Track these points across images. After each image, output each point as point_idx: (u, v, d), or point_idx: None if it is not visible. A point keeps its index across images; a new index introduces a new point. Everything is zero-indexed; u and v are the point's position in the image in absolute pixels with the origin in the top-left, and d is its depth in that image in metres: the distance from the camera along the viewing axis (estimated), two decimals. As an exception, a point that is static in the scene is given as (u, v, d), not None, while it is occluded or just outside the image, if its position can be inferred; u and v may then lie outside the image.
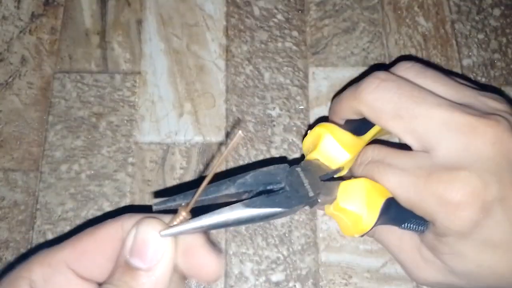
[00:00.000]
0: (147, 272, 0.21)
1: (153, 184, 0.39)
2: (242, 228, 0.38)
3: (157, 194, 0.38)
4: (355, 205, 0.28)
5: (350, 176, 0.31)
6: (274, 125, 0.41)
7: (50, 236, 0.37)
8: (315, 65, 0.43)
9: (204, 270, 0.23)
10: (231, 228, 0.38)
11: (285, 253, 0.37)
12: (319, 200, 0.27)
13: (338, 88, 0.42)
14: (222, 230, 0.37)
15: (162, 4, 0.45)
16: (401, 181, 0.27)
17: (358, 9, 0.45)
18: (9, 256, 0.37)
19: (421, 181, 0.26)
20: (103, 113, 0.41)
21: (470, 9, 0.45)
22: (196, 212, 0.23)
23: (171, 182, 0.39)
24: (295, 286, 0.36)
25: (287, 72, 0.42)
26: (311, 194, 0.27)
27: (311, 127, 0.32)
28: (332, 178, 0.29)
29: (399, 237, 0.31)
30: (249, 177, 0.26)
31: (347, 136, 0.30)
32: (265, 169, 0.27)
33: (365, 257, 0.37)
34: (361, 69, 0.43)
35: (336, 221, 0.30)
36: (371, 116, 0.29)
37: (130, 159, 0.39)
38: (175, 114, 0.41)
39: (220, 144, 0.40)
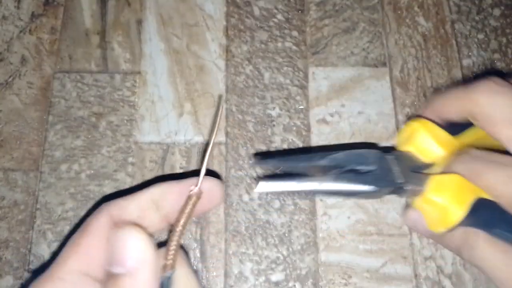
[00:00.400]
0: (129, 277, 0.21)
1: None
2: (242, 228, 0.38)
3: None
4: (443, 198, 0.27)
5: (441, 172, 0.31)
6: (274, 125, 0.41)
7: (50, 236, 0.37)
8: (315, 65, 0.43)
9: (208, 195, 0.25)
10: (231, 228, 0.38)
11: (284, 253, 0.37)
12: (406, 188, 0.27)
13: (338, 88, 0.42)
14: (222, 230, 0.38)
15: (162, 4, 0.45)
16: (506, 175, 0.25)
17: (358, 9, 0.45)
18: (9, 256, 0.37)
19: None
20: (103, 113, 0.41)
21: (470, 9, 0.45)
22: (285, 177, 0.25)
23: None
24: (294, 286, 0.36)
25: (287, 72, 0.42)
26: (399, 180, 0.27)
27: (406, 122, 0.32)
28: (423, 171, 0.29)
29: (504, 250, 0.26)
30: (340, 154, 0.27)
31: (443, 133, 0.30)
32: (357, 150, 0.28)
33: (365, 257, 0.37)
34: (361, 69, 0.43)
35: (424, 216, 0.30)
36: (483, 121, 0.27)
37: (130, 159, 0.39)
38: (175, 114, 0.41)
39: (220, 144, 0.40)
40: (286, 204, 0.38)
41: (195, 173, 0.25)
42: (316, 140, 0.40)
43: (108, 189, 0.38)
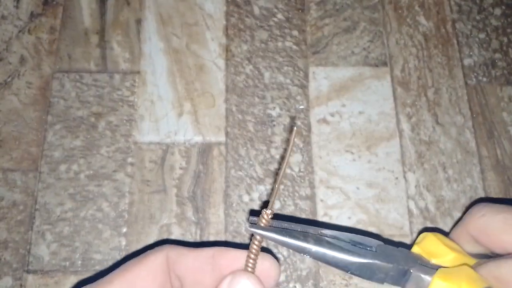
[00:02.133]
0: None
1: (152, 184, 0.38)
2: (242, 228, 0.37)
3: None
4: (452, 285, 0.26)
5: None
6: (274, 125, 0.40)
7: (49, 237, 0.37)
8: (315, 65, 0.42)
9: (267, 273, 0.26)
10: (231, 229, 0.37)
11: (285, 253, 0.37)
12: (412, 273, 0.26)
13: (338, 87, 0.42)
14: (222, 231, 0.37)
15: (161, 3, 0.44)
16: None
17: (358, 9, 0.45)
18: (8, 256, 0.37)
19: None
20: (102, 113, 0.41)
21: (471, 8, 0.45)
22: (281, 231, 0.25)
23: (170, 182, 0.38)
24: (295, 287, 0.36)
25: (287, 72, 0.42)
26: (402, 262, 0.26)
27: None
28: (430, 266, 0.28)
29: None
30: (340, 232, 0.27)
31: (454, 244, 0.29)
32: (361, 236, 0.27)
33: (366, 258, 0.37)
34: (362, 69, 0.42)
35: None
36: (480, 236, 0.29)
37: (129, 159, 0.39)
38: (175, 114, 0.41)
39: (220, 144, 0.40)
40: (287, 204, 0.38)
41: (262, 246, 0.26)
42: (317, 140, 0.40)
43: (108, 190, 0.38)
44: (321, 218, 0.38)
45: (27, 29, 0.44)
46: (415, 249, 0.29)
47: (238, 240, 0.37)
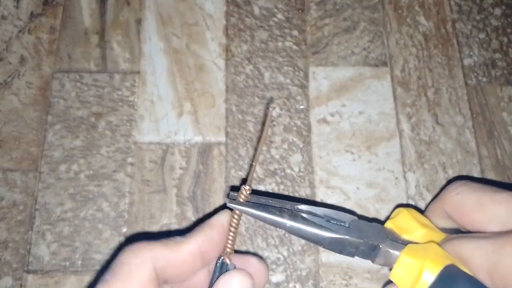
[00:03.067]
0: None
1: (152, 184, 0.38)
2: (242, 228, 0.37)
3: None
4: (416, 260, 0.27)
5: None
6: (274, 125, 0.40)
7: (49, 237, 0.37)
8: (315, 65, 0.42)
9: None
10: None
11: (285, 253, 0.37)
12: (381, 248, 0.27)
13: (338, 87, 0.42)
14: (222, 230, 0.37)
15: (161, 3, 0.44)
16: (484, 248, 0.26)
17: (358, 9, 0.45)
18: (8, 256, 0.37)
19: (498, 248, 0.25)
20: (102, 113, 0.41)
21: (471, 8, 0.45)
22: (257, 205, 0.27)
23: (170, 182, 0.38)
24: (295, 287, 0.36)
25: (287, 72, 0.42)
26: (372, 238, 0.27)
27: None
28: (401, 242, 0.29)
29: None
30: (316, 208, 0.28)
31: (427, 220, 0.30)
32: (332, 210, 0.28)
33: (366, 258, 0.37)
34: (362, 69, 0.42)
35: (399, 285, 0.30)
36: (453, 213, 0.29)
37: (129, 159, 0.39)
38: (175, 114, 0.41)
39: (220, 144, 0.40)
40: (287, 204, 0.38)
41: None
42: (317, 140, 0.40)
43: (108, 190, 0.38)
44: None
45: (27, 29, 0.44)
46: (388, 225, 0.30)
47: (238, 240, 0.37)
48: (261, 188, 0.38)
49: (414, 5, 0.45)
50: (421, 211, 0.31)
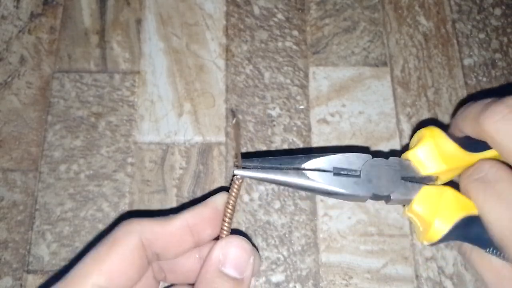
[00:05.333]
0: (241, 283, 0.25)
1: (152, 184, 0.38)
2: (242, 228, 0.37)
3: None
4: (428, 211, 0.26)
5: (434, 184, 0.29)
6: (274, 125, 0.40)
7: (49, 237, 0.37)
8: (315, 65, 0.42)
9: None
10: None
11: (285, 253, 0.37)
12: (391, 197, 0.27)
13: (338, 87, 0.42)
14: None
15: (161, 3, 0.44)
16: (502, 215, 0.25)
17: (358, 8, 0.45)
18: (8, 256, 0.37)
19: None
20: (102, 113, 0.41)
21: (471, 8, 0.45)
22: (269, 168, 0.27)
23: (170, 182, 0.38)
24: (295, 287, 0.36)
25: (287, 72, 0.42)
26: (383, 188, 0.27)
27: (419, 127, 0.30)
28: (417, 180, 0.28)
29: (497, 269, 0.27)
30: (324, 159, 0.27)
31: (452, 148, 0.28)
32: (344, 154, 0.28)
33: (366, 258, 0.37)
34: (362, 69, 0.42)
35: (413, 225, 0.29)
36: (493, 145, 0.27)
37: (130, 159, 0.39)
38: (175, 114, 0.41)
39: (220, 144, 0.40)
40: (287, 204, 0.38)
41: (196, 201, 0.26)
42: (317, 140, 0.40)
43: (108, 190, 0.38)
44: (321, 218, 0.38)
45: (27, 29, 0.44)
46: (407, 155, 0.28)
47: (238, 240, 0.37)
48: (261, 188, 0.38)
49: (414, 5, 0.45)
50: (445, 128, 0.29)
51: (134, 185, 0.38)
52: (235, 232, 0.29)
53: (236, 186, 0.26)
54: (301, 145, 0.40)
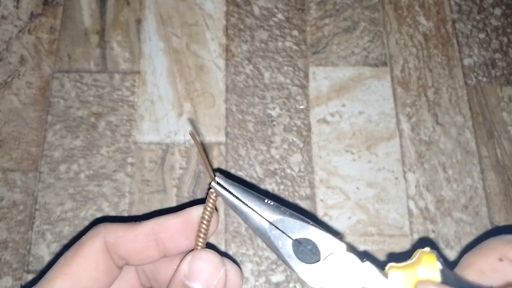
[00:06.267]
0: None
1: (152, 184, 0.38)
2: (242, 228, 0.37)
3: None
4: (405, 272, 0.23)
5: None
6: (274, 125, 0.40)
7: (49, 237, 0.37)
8: (315, 65, 0.42)
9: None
10: (231, 229, 0.37)
11: (285, 253, 0.37)
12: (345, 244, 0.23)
13: (338, 87, 0.42)
14: (222, 231, 0.37)
15: (161, 3, 0.44)
16: None
17: (358, 8, 0.45)
18: (8, 256, 0.37)
19: None
20: (102, 113, 0.41)
21: (471, 8, 0.45)
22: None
23: (170, 182, 0.38)
24: (295, 287, 0.36)
25: (287, 72, 0.42)
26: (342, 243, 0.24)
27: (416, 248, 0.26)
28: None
29: None
30: (299, 223, 0.25)
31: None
32: (321, 231, 0.24)
33: (366, 258, 0.37)
34: (362, 69, 0.42)
35: None
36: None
37: (129, 159, 0.39)
38: (175, 114, 0.41)
39: (220, 144, 0.40)
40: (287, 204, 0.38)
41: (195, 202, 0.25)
42: (317, 140, 0.40)
43: (108, 190, 0.38)
44: (321, 218, 0.38)
45: (27, 29, 0.44)
46: (389, 270, 0.24)
47: (238, 240, 0.37)
48: (261, 187, 0.38)
49: (414, 5, 0.45)
50: (447, 261, 0.27)
51: (134, 185, 0.38)
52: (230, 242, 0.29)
53: (211, 201, 0.25)
54: (301, 145, 0.40)
